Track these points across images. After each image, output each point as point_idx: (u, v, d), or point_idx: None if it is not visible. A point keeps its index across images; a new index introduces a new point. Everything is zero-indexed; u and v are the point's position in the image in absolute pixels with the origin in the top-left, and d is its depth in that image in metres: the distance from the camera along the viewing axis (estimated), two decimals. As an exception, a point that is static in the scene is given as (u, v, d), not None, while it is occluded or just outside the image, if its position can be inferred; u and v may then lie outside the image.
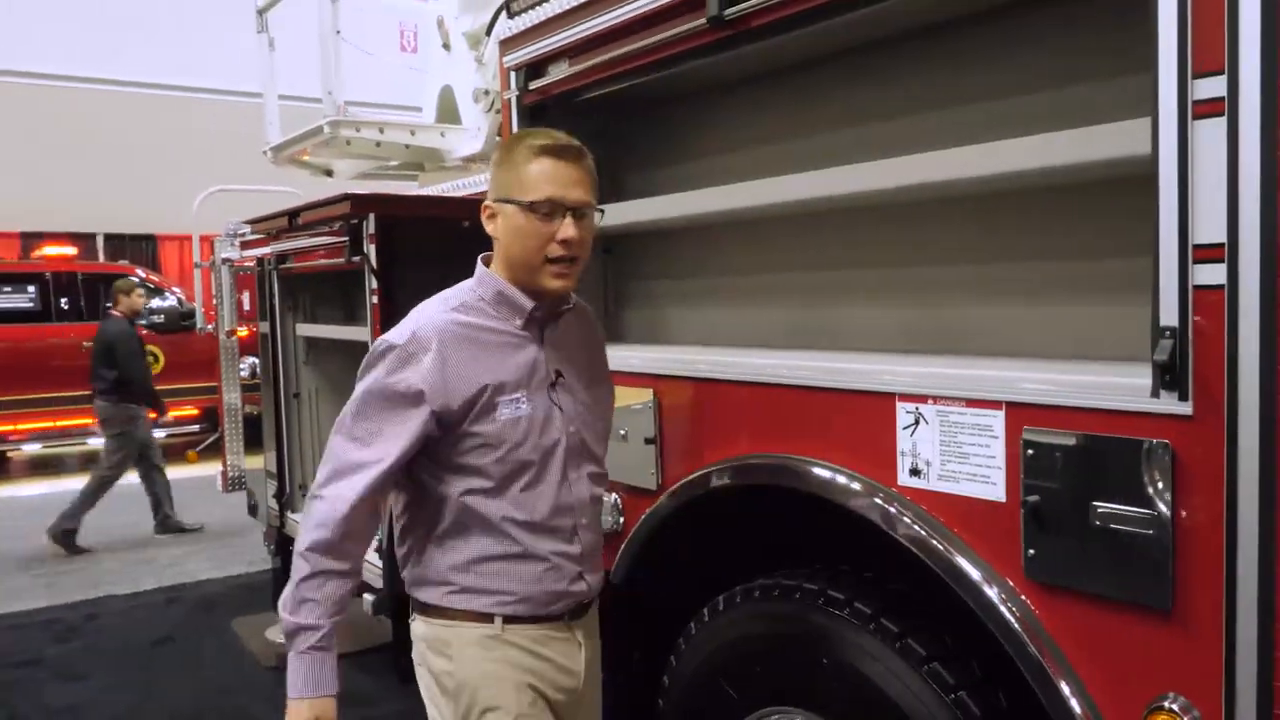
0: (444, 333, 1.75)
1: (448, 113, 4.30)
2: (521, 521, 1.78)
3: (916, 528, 1.69)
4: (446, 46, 4.33)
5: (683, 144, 2.66)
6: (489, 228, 1.82)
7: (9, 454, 10.34)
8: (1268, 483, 1.26)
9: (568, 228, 1.73)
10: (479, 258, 1.88)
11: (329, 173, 5.09)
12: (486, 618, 1.81)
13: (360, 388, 1.78)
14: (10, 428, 9.61)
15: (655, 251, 2.76)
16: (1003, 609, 1.56)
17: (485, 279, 1.84)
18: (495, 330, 1.80)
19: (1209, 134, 1.28)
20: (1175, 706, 1.37)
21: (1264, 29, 1.22)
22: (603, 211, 1.83)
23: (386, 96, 5.61)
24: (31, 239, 12.28)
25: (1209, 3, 1.27)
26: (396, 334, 1.77)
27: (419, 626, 1.88)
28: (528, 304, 1.81)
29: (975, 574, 1.60)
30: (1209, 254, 1.29)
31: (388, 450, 1.72)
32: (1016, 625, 1.55)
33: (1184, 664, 1.37)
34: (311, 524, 1.74)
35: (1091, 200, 1.69)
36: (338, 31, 4.75)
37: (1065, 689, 1.50)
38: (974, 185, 1.71)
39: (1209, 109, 1.28)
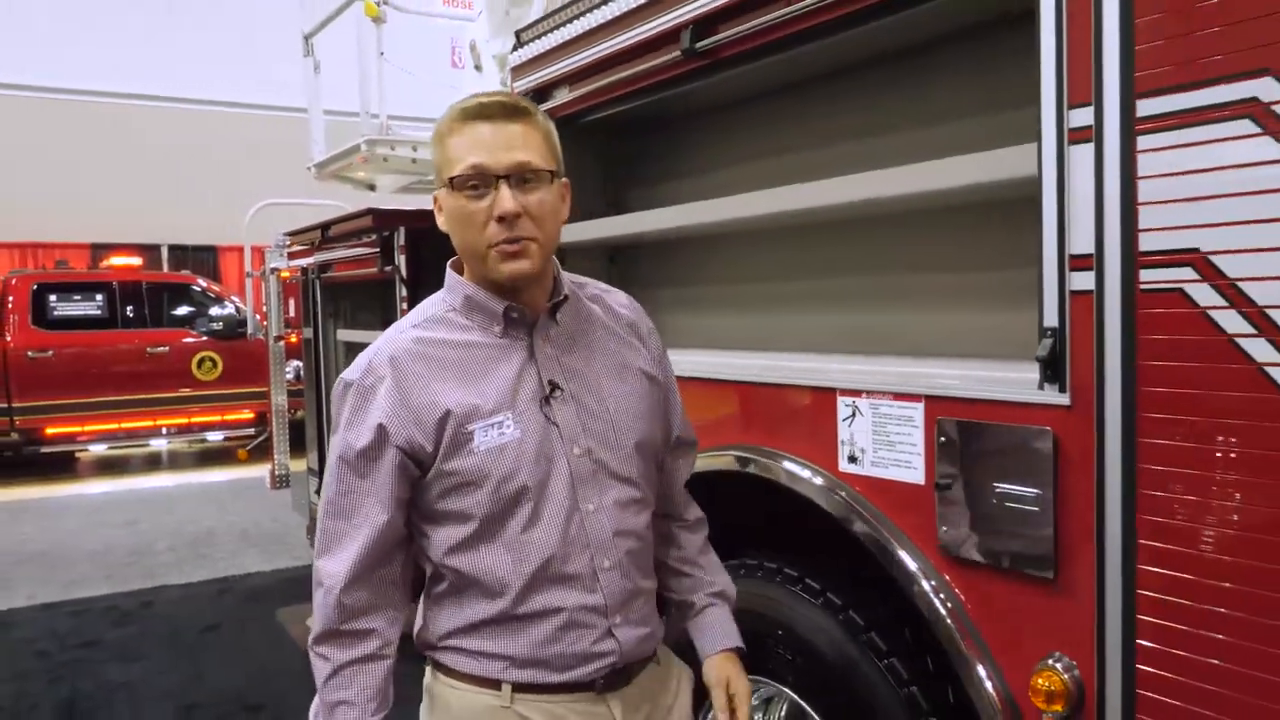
0: (400, 355, 1.47)
1: (479, 131, 4.55)
2: (521, 571, 1.46)
3: (854, 510, 1.88)
4: (478, 68, 4.58)
5: (677, 161, 2.87)
6: (440, 223, 1.53)
7: (77, 454, 10.84)
8: (1129, 465, 1.43)
9: (503, 200, 1.39)
10: (448, 263, 1.59)
11: (372, 187, 5.38)
12: (493, 684, 1.50)
13: (331, 444, 1.52)
14: (78, 429, 10.05)
15: (656, 260, 2.96)
16: (922, 581, 1.75)
17: (454, 285, 1.55)
18: (467, 344, 1.50)
19: (1080, 158, 1.46)
20: (1059, 665, 1.54)
21: (1123, 66, 1.40)
22: (557, 174, 1.48)
23: (435, 110, 5.90)
24: (100, 250, 12.81)
25: (1079, 44, 1.45)
26: (353, 368, 1.51)
27: (427, 678, 1.60)
28: (498, 306, 1.49)
29: (899, 550, 1.78)
30: (1081, 263, 1.47)
31: (369, 511, 1.46)
32: (933, 596, 1.73)
33: (1066, 627, 1.53)
34: (316, 616, 1.50)
35: (996, 216, 1.86)
36: (381, 54, 5.07)
37: (972, 653, 1.67)
38: (900, 203, 1.89)
39: (1080, 135, 1.46)
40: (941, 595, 1.72)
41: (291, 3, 6.23)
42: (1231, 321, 1.30)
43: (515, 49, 2.91)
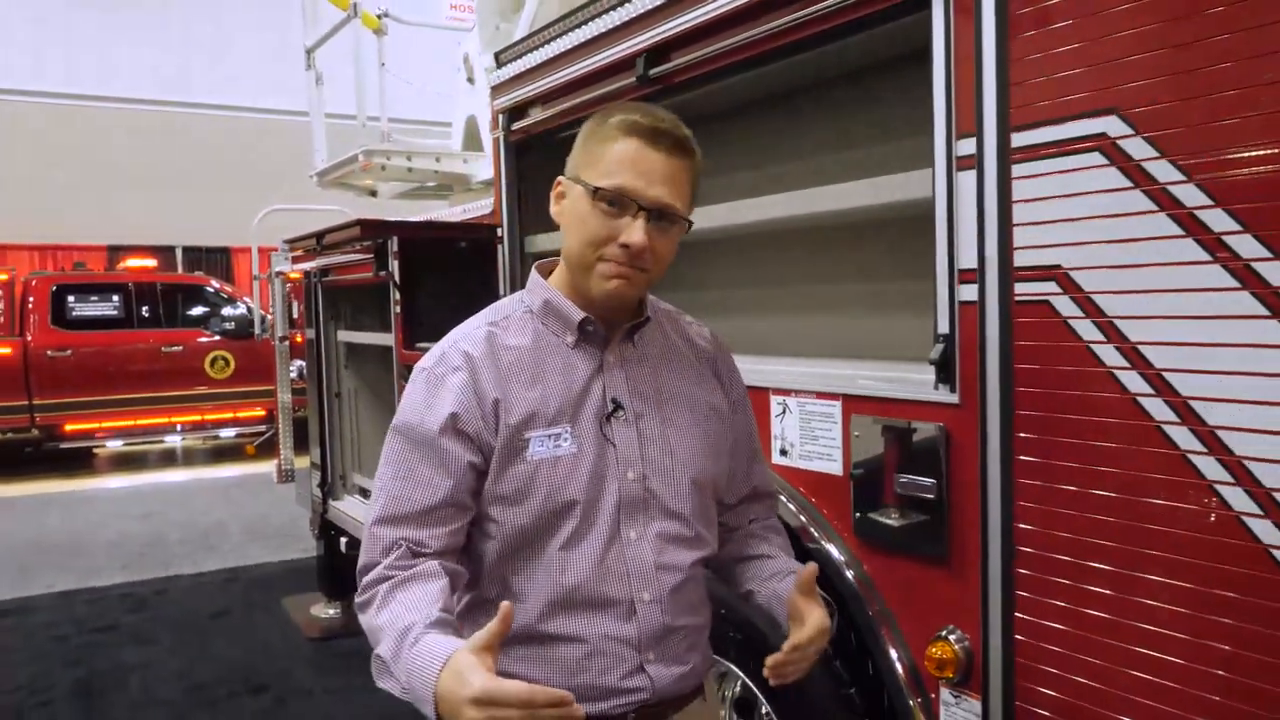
0: (474, 349, 1.44)
1: (472, 140, 4.74)
2: (554, 589, 1.41)
3: (784, 498, 2.06)
4: (471, 80, 4.77)
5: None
6: (554, 210, 1.48)
7: (95, 450, 11.11)
8: (1007, 456, 1.60)
9: (635, 231, 1.35)
10: (534, 265, 1.56)
11: (373, 193, 5.58)
12: None
13: (393, 428, 1.47)
14: (96, 425, 10.29)
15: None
16: (839, 561, 1.93)
17: (535, 287, 1.51)
18: (536, 349, 1.46)
19: (966, 182, 1.64)
20: (952, 637, 1.72)
21: (999, 102, 1.57)
22: (691, 223, 1.45)
23: (439, 115, 6.07)
24: (117, 251, 13.09)
25: (964, 84, 1.62)
26: (428, 356, 1.49)
27: None
28: (576, 315, 1.45)
29: (819, 534, 1.96)
30: (967, 276, 1.65)
31: (432, 491, 1.40)
32: (849, 575, 1.91)
33: (957, 602, 1.71)
34: (363, 571, 1.41)
35: (908, 231, 2.03)
36: (382, 64, 5.26)
37: (881, 627, 1.86)
38: (816, 220, 2.08)
39: (966, 163, 1.64)
40: (855, 575, 1.90)
41: (298, 12, 6.43)
42: (1087, 330, 1.48)
43: (498, 66, 3.10)
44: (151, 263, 11.68)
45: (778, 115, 2.45)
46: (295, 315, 5.63)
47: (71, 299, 10.26)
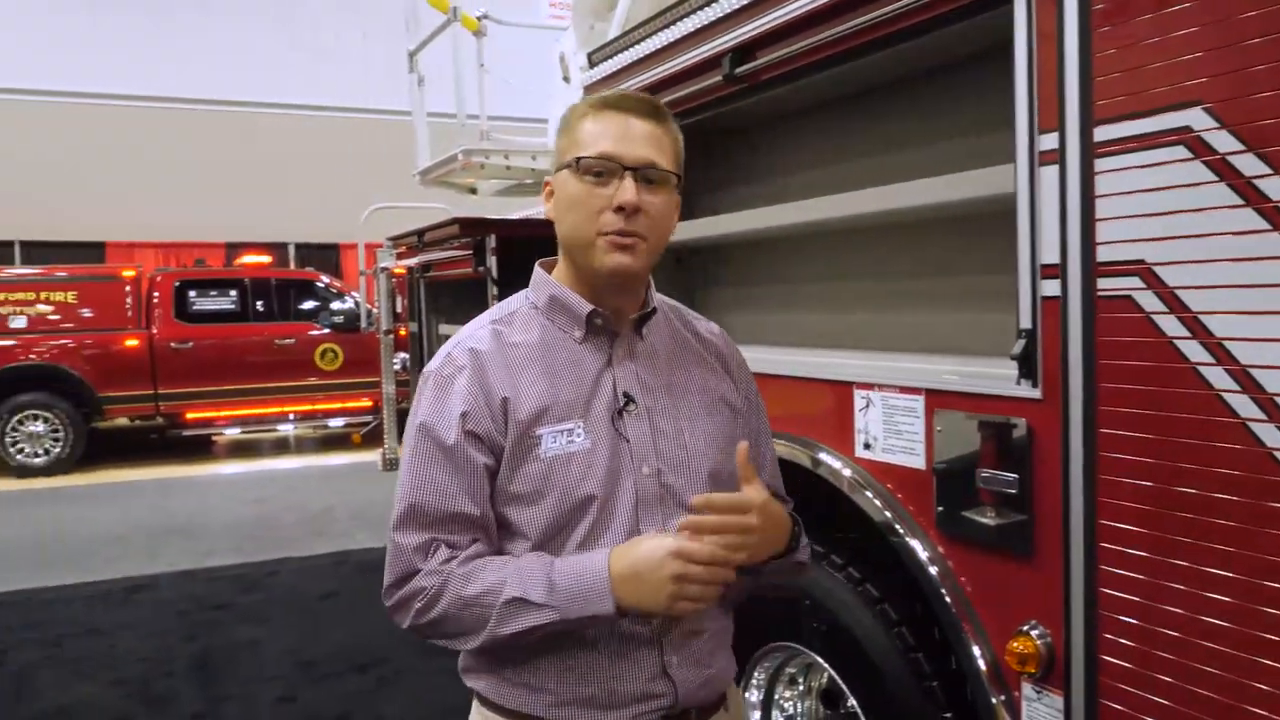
0: (480, 347, 1.43)
1: (567, 138, 4.83)
2: None
3: (868, 492, 2.08)
4: (566, 79, 4.85)
5: (732, 171, 3.09)
6: (546, 210, 1.50)
7: (214, 437, 11.65)
8: (1090, 451, 1.59)
9: (625, 190, 1.35)
10: (537, 262, 1.57)
11: (473, 190, 5.74)
12: None
13: (407, 433, 1.47)
14: (214, 414, 10.80)
15: (717, 262, 3.19)
16: (922, 556, 1.94)
17: (540, 283, 1.51)
18: (544, 344, 1.44)
19: (1048, 177, 1.63)
20: (1034, 633, 1.72)
21: (1082, 97, 1.57)
22: (679, 182, 1.44)
23: (537, 112, 6.19)
24: (234, 248, 13.66)
25: (1046, 78, 1.62)
26: (434, 359, 1.48)
27: (473, 714, 1.52)
28: (584, 308, 1.44)
29: (903, 528, 1.98)
30: (1049, 272, 1.64)
31: (451, 499, 1.39)
32: (932, 569, 1.92)
33: (1039, 597, 1.71)
34: (390, 584, 1.45)
35: (987, 227, 2.01)
36: (481, 65, 5.40)
37: (963, 621, 1.86)
38: (912, 214, 2.08)
39: (1048, 158, 1.63)
40: (938, 569, 1.91)
41: (402, 15, 6.64)
42: (1171, 325, 1.46)
43: (590, 66, 3.17)
44: (266, 259, 12.17)
45: (859, 112, 2.46)
46: (399, 309, 5.84)
47: (192, 294, 10.78)
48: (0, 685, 4.33)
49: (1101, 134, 1.54)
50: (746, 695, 2.53)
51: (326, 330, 11.01)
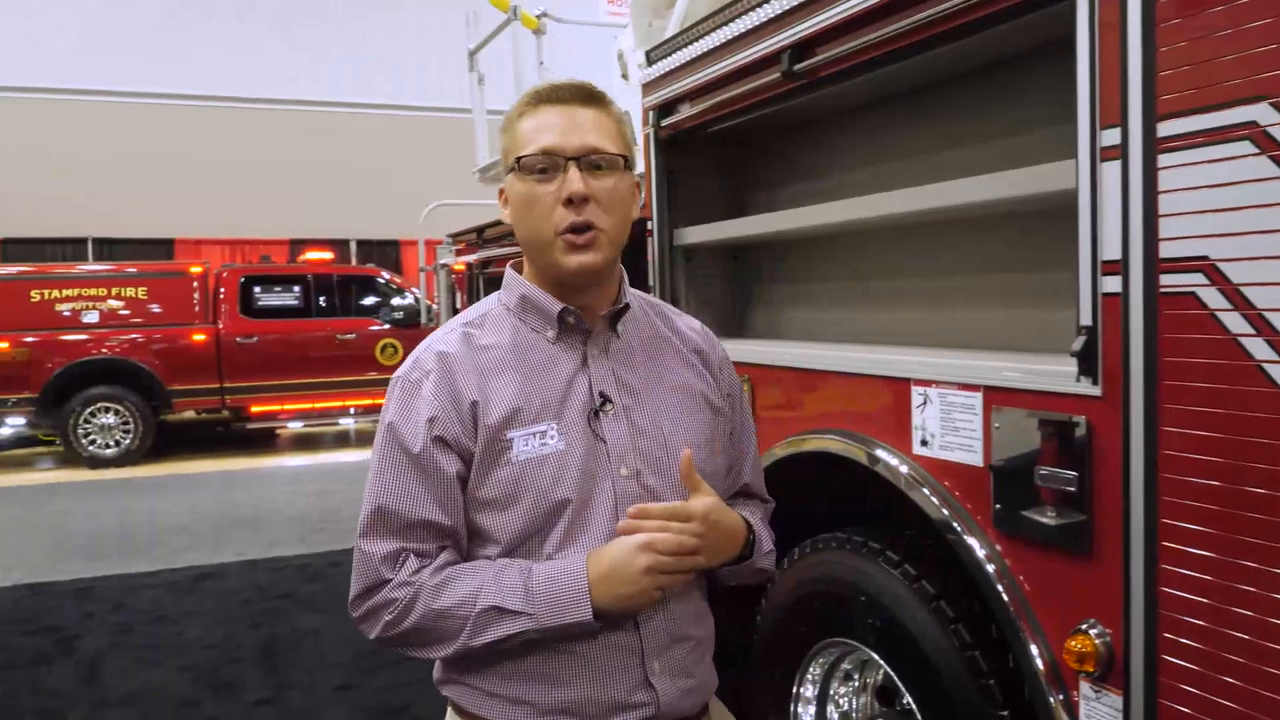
0: (447, 350, 1.41)
1: (626, 135, 4.87)
2: None
3: (925, 489, 2.08)
4: (625, 76, 4.89)
5: (791, 167, 3.09)
6: (504, 216, 1.48)
7: (277, 430, 11.91)
8: (1151, 450, 1.58)
9: (572, 181, 1.33)
10: (509, 264, 1.54)
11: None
12: None
13: (376, 441, 1.44)
14: (279, 408, 11.04)
15: (772, 259, 3.19)
16: (979, 553, 1.93)
17: (511, 284, 1.49)
18: (516, 346, 1.42)
19: (1110, 173, 1.62)
20: (1092, 631, 1.70)
21: (1144, 92, 1.55)
22: (629, 162, 1.42)
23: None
24: (298, 245, 13.95)
25: (1109, 74, 1.61)
26: (403, 364, 1.46)
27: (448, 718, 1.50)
28: (554, 306, 1.42)
29: (960, 526, 1.97)
30: (1111, 268, 1.63)
31: (419, 506, 1.37)
32: (989, 567, 1.91)
33: (1098, 596, 1.70)
34: (357, 593, 1.41)
35: (1045, 223, 1.99)
36: (541, 63, 5.46)
37: (1020, 619, 1.85)
38: (969, 210, 2.07)
39: (1110, 154, 1.62)
40: (995, 567, 1.90)
41: (462, 14, 6.72)
42: (1235, 322, 1.45)
43: (648, 64, 3.20)
44: (329, 255, 12.39)
45: (915, 108, 2.46)
46: (459, 305, 5.92)
47: (257, 289, 11.02)
48: (71, 671, 4.48)
49: (1165, 129, 1.52)
50: (801, 690, 2.54)
51: (387, 325, 11.20)
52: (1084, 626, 1.71)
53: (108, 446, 10.39)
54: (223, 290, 10.86)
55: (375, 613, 1.39)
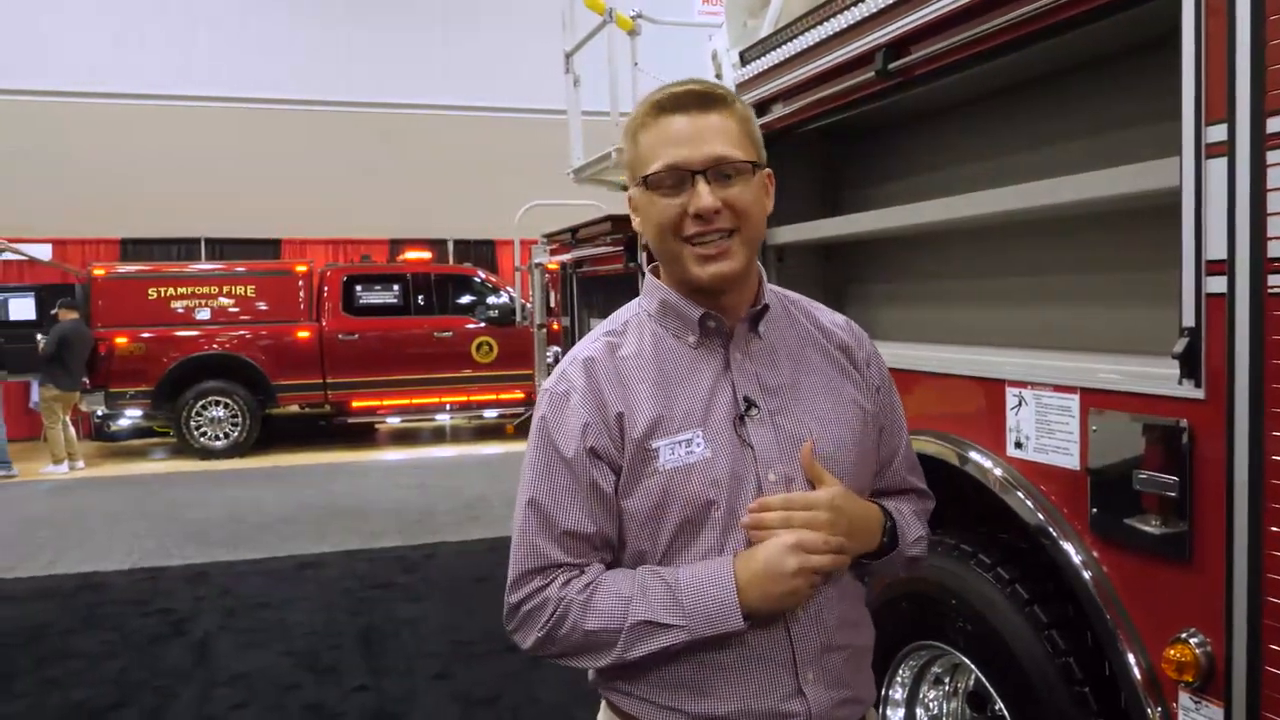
0: (592, 360, 1.40)
1: (718, 135, 4.87)
2: None
3: (1019, 492, 2.05)
4: (719, 76, 4.90)
5: (885, 166, 3.07)
6: (634, 224, 1.45)
7: (377, 425, 12.25)
8: (1257, 456, 1.53)
9: (701, 196, 1.30)
10: (648, 268, 1.52)
11: (625, 188, 5.84)
12: None
13: (527, 455, 1.43)
14: (378, 403, 11.38)
15: (866, 258, 3.17)
16: (1075, 559, 1.90)
17: (651, 289, 1.46)
18: (658, 353, 1.40)
19: (1216, 170, 1.58)
20: (1192, 640, 1.66)
21: (1253, 87, 1.51)
22: (758, 164, 1.37)
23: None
24: (397, 245, 14.31)
25: (1216, 68, 1.56)
26: (550, 376, 1.45)
27: (601, 715, 1.50)
28: (695, 311, 1.39)
29: (1055, 530, 1.94)
30: (1216, 267, 1.59)
31: (572, 515, 1.36)
32: (1085, 573, 1.88)
33: (1198, 604, 1.65)
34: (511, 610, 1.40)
35: (1146, 222, 1.94)
36: (635, 64, 5.50)
37: (1117, 625, 1.81)
38: (1069, 209, 2.03)
39: (1216, 150, 1.58)
40: (1091, 573, 1.87)
41: (557, 17, 6.81)
42: (1348, 325, 1.40)
43: (742, 65, 3.21)
44: (427, 255, 12.67)
45: (1014, 106, 2.42)
46: (552, 304, 6.01)
47: (359, 288, 11.36)
48: (185, 651, 4.71)
49: (1275, 125, 1.48)
50: (890, 693, 2.52)
51: (482, 324, 11.42)
52: (1184, 635, 1.67)
53: (217, 439, 10.82)
54: (326, 289, 11.22)
55: (526, 624, 1.39)
